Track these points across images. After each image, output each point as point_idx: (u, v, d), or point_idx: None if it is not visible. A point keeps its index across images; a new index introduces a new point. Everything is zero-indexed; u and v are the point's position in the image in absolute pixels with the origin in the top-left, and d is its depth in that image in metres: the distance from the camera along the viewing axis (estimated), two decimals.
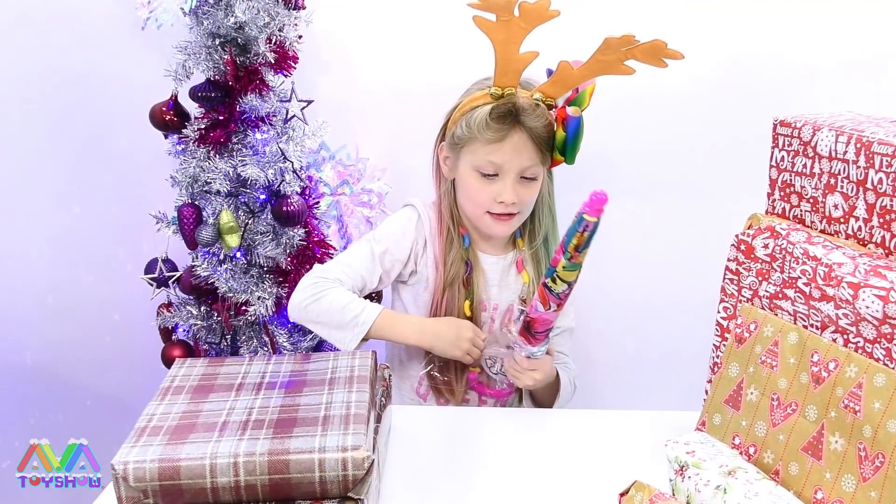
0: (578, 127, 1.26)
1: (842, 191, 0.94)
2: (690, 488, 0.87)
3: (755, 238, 1.01)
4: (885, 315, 0.81)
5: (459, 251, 1.37)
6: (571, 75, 1.23)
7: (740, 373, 0.95)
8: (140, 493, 0.86)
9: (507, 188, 1.29)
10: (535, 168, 1.31)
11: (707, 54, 1.64)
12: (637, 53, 1.17)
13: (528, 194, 1.33)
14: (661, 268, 1.77)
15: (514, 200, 1.30)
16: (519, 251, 1.42)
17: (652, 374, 1.82)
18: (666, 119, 1.69)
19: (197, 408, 0.98)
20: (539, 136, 1.28)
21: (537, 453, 1.12)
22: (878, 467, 0.77)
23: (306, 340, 1.58)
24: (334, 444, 0.88)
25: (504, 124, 1.27)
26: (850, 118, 1.00)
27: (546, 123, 1.29)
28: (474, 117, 1.29)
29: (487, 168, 1.30)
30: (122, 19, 1.66)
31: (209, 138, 1.46)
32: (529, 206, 1.36)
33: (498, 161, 1.29)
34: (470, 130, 1.29)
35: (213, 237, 1.46)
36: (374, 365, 1.10)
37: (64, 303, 1.85)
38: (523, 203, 1.33)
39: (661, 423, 1.15)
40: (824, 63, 1.63)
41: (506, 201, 1.30)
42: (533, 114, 1.27)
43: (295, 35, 1.49)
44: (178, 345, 1.57)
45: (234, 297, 1.50)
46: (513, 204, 1.31)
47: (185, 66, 1.45)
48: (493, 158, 1.29)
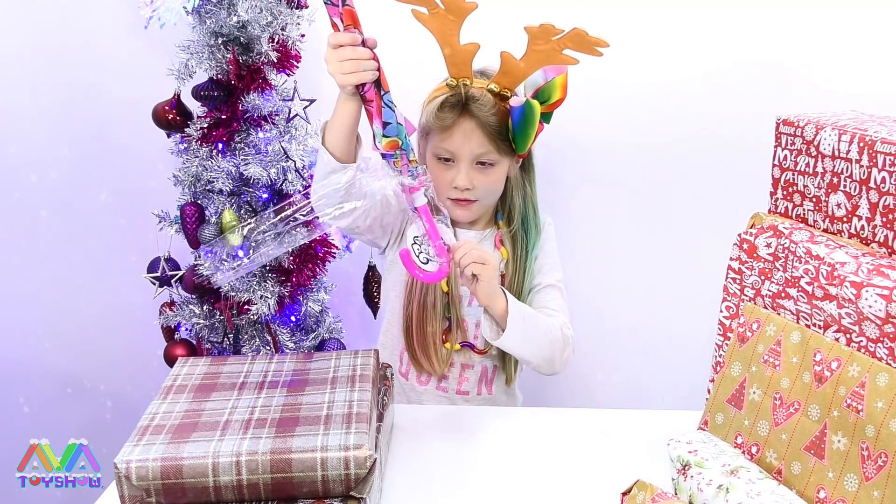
0: (522, 115, 1.28)
1: (845, 190, 0.94)
2: (693, 487, 0.87)
3: (758, 237, 1.01)
4: (887, 314, 0.81)
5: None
6: (516, 66, 1.26)
7: (743, 372, 0.95)
8: (142, 492, 0.86)
9: (460, 174, 1.34)
10: (491, 155, 1.34)
11: (710, 52, 1.63)
12: (567, 43, 1.18)
13: (485, 180, 1.35)
14: (664, 266, 1.77)
15: (468, 186, 1.34)
16: (497, 229, 1.45)
17: (654, 374, 1.82)
18: (668, 118, 1.68)
19: (199, 407, 0.98)
20: (489, 123, 1.31)
21: (540, 452, 1.12)
22: (880, 467, 0.77)
23: (308, 339, 1.58)
24: (336, 443, 0.88)
25: (452, 113, 1.32)
26: (852, 117, 1.00)
27: (496, 112, 1.32)
28: (430, 107, 1.34)
29: (443, 153, 1.35)
30: (124, 18, 1.66)
31: (212, 137, 1.46)
32: (489, 192, 1.38)
33: (450, 147, 1.33)
34: (428, 119, 1.35)
35: (216, 236, 1.46)
36: (376, 364, 1.10)
37: (66, 302, 1.85)
38: (479, 189, 1.35)
39: (664, 423, 1.15)
40: (828, 62, 1.62)
41: (459, 186, 1.34)
42: (481, 102, 1.31)
43: (297, 34, 1.50)
44: (181, 344, 1.58)
45: (237, 296, 1.50)
46: (467, 190, 1.34)
47: (187, 65, 1.46)
48: (445, 145, 1.34)
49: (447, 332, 1.40)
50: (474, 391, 1.43)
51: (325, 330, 1.62)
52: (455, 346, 1.40)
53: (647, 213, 1.75)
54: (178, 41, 1.47)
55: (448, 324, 1.41)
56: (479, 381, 1.43)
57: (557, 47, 1.20)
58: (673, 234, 1.75)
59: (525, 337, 1.26)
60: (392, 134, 1.08)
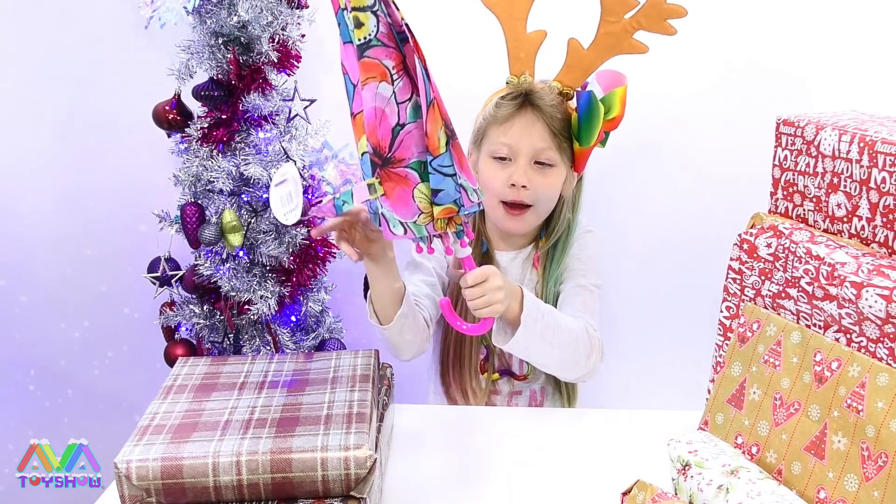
0: (589, 104, 1.23)
1: (845, 190, 0.94)
2: (693, 488, 0.87)
3: (758, 237, 1.01)
4: (888, 314, 0.81)
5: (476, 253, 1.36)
6: (584, 56, 1.21)
7: (743, 372, 0.95)
8: (143, 492, 0.86)
9: (518, 169, 1.27)
10: (550, 152, 1.28)
11: (710, 53, 1.63)
12: (641, 20, 1.16)
13: (542, 182, 1.29)
14: (664, 267, 1.77)
15: (525, 183, 1.27)
16: (537, 249, 1.39)
17: (654, 374, 1.82)
18: (668, 118, 1.68)
19: (199, 407, 0.98)
20: (550, 115, 1.26)
21: (539, 452, 1.12)
22: (880, 467, 0.77)
23: (309, 339, 1.58)
24: (336, 443, 0.88)
25: (513, 104, 1.27)
26: (853, 117, 1.00)
27: (558, 104, 1.27)
28: (489, 105, 1.30)
29: (500, 150, 1.28)
30: (125, 18, 1.66)
31: (212, 137, 1.46)
32: (544, 198, 1.31)
33: (508, 141, 1.27)
34: (485, 118, 1.30)
35: (216, 236, 1.46)
36: (376, 364, 1.10)
37: (66, 302, 1.85)
38: (535, 192, 1.28)
39: (664, 423, 1.15)
40: (828, 62, 1.62)
41: (516, 182, 1.27)
42: (544, 94, 1.26)
43: (298, 34, 1.49)
44: (181, 344, 1.57)
45: (237, 296, 1.50)
46: (523, 188, 1.27)
47: (188, 65, 1.45)
48: (504, 139, 1.28)
49: (485, 361, 1.37)
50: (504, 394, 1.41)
51: (325, 330, 1.62)
52: (493, 375, 1.37)
53: (647, 213, 1.75)
54: (178, 41, 1.47)
55: (486, 353, 1.37)
56: (530, 405, 1.40)
57: (630, 28, 1.17)
58: (673, 234, 1.74)
59: (543, 336, 1.14)
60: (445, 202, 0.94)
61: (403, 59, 0.88)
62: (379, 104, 0.89)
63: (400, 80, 0.88)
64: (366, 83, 0.88)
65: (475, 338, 1.35)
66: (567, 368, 1.22)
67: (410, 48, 0.87)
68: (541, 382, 1.40)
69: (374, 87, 0.88)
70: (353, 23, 0.86)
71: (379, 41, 0.87)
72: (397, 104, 0.89)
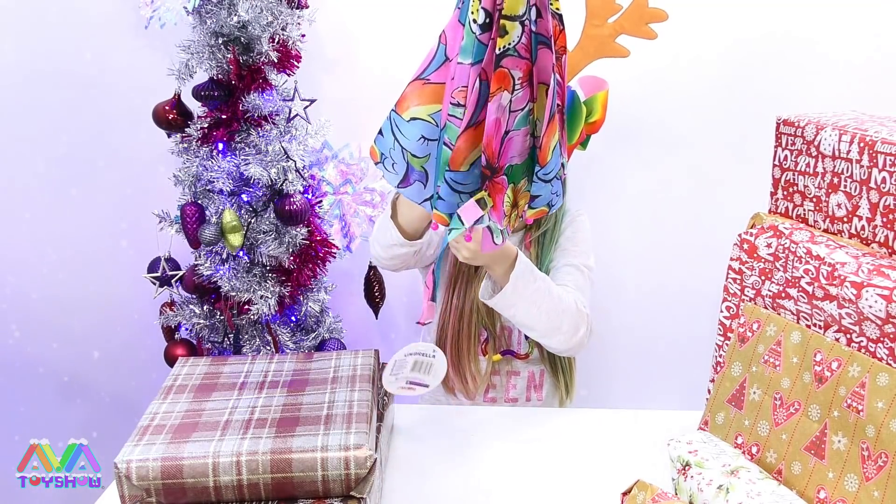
0: (572, 102, 1.23)
1: (845, 190, 0.94)
2: (693, 487, 0.87)
3: (758, 237, 1.01)
4: (888, 314, 0.81)
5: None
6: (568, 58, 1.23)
7: (743, 372, 0.94)
8: (143, 492, 0.86)
9: None
10: None
11: (711, 53, 1.64)
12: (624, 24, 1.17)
13: None
14: (664, 267, 1.77)
15: None
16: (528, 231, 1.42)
17: (654, 374, 1.82)
18: (668, 118, 1.68)
19: (200, 406, 0.98)
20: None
21: (539, 452, 1.12)
22: (880, 467, 0.77)
23: (309, 339, 1.58)
24: (336, 442, 0.88)
25: None
26: (853, 117, 1.00)
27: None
28: None
29: None
30: (125, 18, 1.66)
31: (212, 137, 1.46)
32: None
33: None
34: None
35: (216, 236, 1.46)
36: (376, 364, 1.10)
37: (66, 302, 1.85)
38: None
39: (664, 423, 1.15)
40: (828, 62, 1.62)
41: None
42: None
43: (298, 34, 1.50)
44: (181, 344, 1.58)
45: (237, 295, 1.50)
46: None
47: (188, 65, 1.46)
48: None
49: (486, 343, 1.39)
50: (523, 397, 1.42)
51: (325, 330, 1.62)
52: (495, 356, 1.39)
53: (647, 213, 1.75)
54: (178, 41, 1.47)
55: (486, 335, 1.39)
56: (528, 388, 1.42)
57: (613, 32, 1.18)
58: (673, 234, 1.75)
59: (531, 299, 1.19)
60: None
61: (531, 69, 0.87)
62: (499, 115, 0.87)
63: (521, 91, 0.87)
64: (493, 95, 0.86)
65: (474, 321, 1.37)
66: (556, 336, 1.26)
67: (548, 54, 0.86)
68: (540, 365, 1.42)
69: (499, 99, 0.86)
70: (500, 30, 0.84)
71: (516, 52, 0.85)
72: (509, 112, 0.88)
